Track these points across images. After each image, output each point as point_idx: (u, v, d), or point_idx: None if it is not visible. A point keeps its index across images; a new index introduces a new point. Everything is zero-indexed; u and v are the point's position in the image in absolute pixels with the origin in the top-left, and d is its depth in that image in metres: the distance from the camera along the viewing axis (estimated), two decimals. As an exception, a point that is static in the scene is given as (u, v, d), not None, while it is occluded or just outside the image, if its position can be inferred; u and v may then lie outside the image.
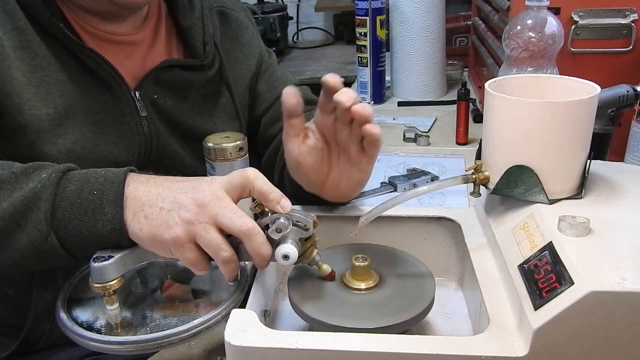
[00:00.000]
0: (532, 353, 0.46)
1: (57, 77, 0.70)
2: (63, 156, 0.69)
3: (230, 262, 0.55)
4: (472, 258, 0.61)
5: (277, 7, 2.35)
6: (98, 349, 0.55)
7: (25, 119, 0.67)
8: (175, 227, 0.53)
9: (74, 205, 0.55)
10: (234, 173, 0.57)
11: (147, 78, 0.77)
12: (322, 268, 0.60)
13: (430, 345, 0.47)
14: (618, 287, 0.43)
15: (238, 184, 0.56)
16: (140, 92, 0.77)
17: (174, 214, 0.54)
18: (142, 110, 0.77)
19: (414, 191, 0.60)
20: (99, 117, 0.73)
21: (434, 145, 1.18)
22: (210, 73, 0.84)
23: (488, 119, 0.59)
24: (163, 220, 0.54)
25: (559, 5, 0.95)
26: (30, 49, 0.69)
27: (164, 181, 0.57)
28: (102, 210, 0.55)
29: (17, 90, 0.67)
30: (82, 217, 0.55)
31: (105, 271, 0.55)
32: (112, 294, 0.56)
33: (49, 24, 0.69)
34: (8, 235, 0.55)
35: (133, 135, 0.77)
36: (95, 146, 0.72)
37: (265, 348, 0.49)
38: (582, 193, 0.57)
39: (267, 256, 0.55)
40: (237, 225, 0.53)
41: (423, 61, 1.45)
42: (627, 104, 0.83)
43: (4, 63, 0.66)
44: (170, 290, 0.64)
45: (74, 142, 0.71)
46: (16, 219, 0.55)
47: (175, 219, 0.54)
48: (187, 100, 0.83)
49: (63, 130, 0.70)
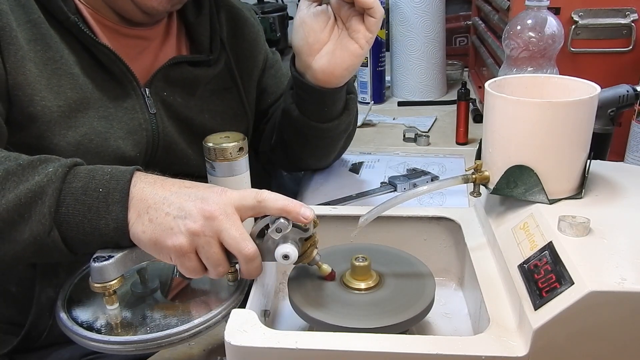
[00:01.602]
0: (532, 353, 0.46)
1: (69, 70, 0.71)
2: (72, 148, 0.70)
3: (224, 274, 0.56)
4: (472, 258, 0.61)
5: (277, 7, 2.35)
6: (98, 348, 0.55)
7: (37, 109, 0.68)
8: (179, 236, 0.53)
9: (79, 202, 0.55)
10: (247, 192, 0.56)
11: (157, 75, 0.79)
12: (322, 268, 0.60)
13: (430, 345, 0.47)
14: (618, 287, 0.43)
15: (250, 206, 0.55)
16: (150, 90, 0.78)
17: (180, 222, 0.54)
18: (152, 108, 0.78)
19: (414, 191, 0.60)
20: (109, 112, 0.74)
21: (434, 145, 1.18)
22: (217, 68, 0.86)
23: (488, 119, 0.59)
24: (167, 226, 0.54)
25: (559, 5, 0.95)
26: (43, 41, 0.69)
27: (171, 185, 0.57)
28: (107, 208, 0.55)
29: (30, 81, 0.67)
30: (86, 214, 0.55)
31: (105, 271, 0.55)
32: (112, 293, 0.56)
33: (64, 18, 0.70)
34: (11, 227, 0.55)
35: (142, 131, 0.77)
36: (105, 140, 0.73)
37: (265, 348, 0.49)
38: (582, 193, 0.57)
39: (257, 276, 0.57)
40: (240, 249, 0.54)
41: (423, 61, 1.44)
42: (627, 104, 0.83)
43: (17, 54, 0.67)
44: (178, 288, 0.63)
45: (83, 135, 0.71)
46: (20, 211, 0.55)
47: (180, 227, 0.53)
48: (195, 97, 0.84)
49: (73, 123, 0.70)
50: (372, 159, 1.12)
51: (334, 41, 0.79)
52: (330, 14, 0.79)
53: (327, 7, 0.78)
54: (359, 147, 1.19)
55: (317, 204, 0.91)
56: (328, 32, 0.78)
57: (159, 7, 0.74)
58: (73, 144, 0.70)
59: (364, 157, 1.13)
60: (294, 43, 0.82)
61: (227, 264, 0.55)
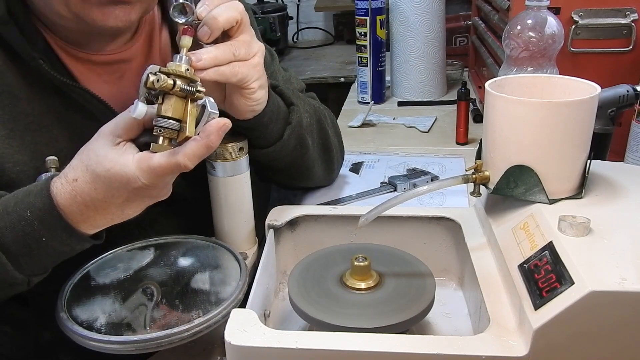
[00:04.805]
0: (532, 353, 0.46)
1: (42, 123, 0.66)
2: None
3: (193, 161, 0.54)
4: (472, 258, 0.61)
5: (277, 7, 2.35)
6: (98, 348, 0.55)
7: (11, 177, 0.64)
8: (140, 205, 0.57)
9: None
10: (118, 121, 0.56)
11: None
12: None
13: (430, 345, 0.47)
14: (618, 287, 0.43)
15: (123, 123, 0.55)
16: None
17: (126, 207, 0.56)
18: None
19: (414, 191, 0.60)
20: None
21: (434, 145, 1.18)
22: None
23: (488, 119, 0.59)
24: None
25: (559, 5, 0.95)
26: (11, 93, 0.64)
27: (83, 189, 0.56)
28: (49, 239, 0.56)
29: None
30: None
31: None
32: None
33: (29, 58, 0.63)
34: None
35: None
36: None
37: (265, 348, 0.49)
38: (582, 193, 0.57)
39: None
40: (171, 169, 0.53)
41: (423, 61, 1.45)
42: (627, 104, 0.83)
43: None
44: (178, 286, 0.63)
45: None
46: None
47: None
48: None
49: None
50: (372, 159, 1.12)
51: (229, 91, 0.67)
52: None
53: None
54: (359, 147, 1.19)
55: (317, 204, 0.91)
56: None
57: (115, 24, 0.63)
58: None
59: (364, 157, 1.13)
60: None
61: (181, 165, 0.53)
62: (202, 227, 0.73)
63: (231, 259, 0.67)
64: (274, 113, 0.72)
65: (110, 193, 0.54)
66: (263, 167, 0.78)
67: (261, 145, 0.73)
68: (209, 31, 0.56)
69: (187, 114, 0.53)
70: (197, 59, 0.55)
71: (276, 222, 0.70)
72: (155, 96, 0.53)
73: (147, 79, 0.52)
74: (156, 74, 0.52)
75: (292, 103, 0.77)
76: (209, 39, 0.57)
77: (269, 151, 0.74)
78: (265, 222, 0.71)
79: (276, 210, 0.73)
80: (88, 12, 0.60)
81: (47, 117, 0.67)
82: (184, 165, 0.52)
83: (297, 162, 0.81)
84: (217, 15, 0.56)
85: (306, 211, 0.72)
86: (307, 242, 0.72)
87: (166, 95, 0.53)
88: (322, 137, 0.85)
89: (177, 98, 0.53)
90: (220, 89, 0.65)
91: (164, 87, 0.52)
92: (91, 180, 0.54)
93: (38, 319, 0.72)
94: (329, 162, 0.91)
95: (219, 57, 0.57)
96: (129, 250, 0.69)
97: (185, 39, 0.55)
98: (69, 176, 0.55)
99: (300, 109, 0.77)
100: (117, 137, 0.55)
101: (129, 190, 0.54)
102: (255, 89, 0.64)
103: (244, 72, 0.60)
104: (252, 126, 0.70)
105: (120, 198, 0.55)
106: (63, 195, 0.55)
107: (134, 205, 0.57)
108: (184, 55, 0.54)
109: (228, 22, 0.57)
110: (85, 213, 0.55)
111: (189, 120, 0.53)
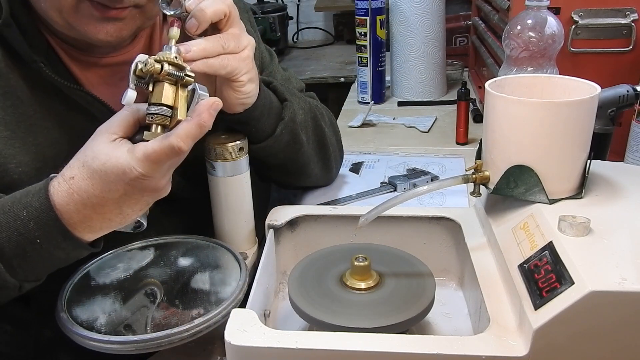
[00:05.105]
0: (532, 353, 0.46)
1: (44, 124, 0.66)
2: None
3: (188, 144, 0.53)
4: (472, 258, 0.61)
5: (277, 7, 2.35)
6: (98, 348, 0.55)
7: (14, 178, 0.64)
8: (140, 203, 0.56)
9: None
10: (113, 121, 0.56)
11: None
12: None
13: (430, 345, 0.47)
14: (618, 287, 0.43)
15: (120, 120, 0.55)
16: None
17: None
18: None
19: (414, 191, 0.60)
20: None
21: (434, 145, 1.18)
22: None
23: (488, 119, 0.59)
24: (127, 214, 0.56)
25: (559, 5, 0.95)
26: (14, 95, 0.64)
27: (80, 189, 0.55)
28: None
29: (0, 148, 0.63)
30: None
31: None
32: None
33: (30, 61, 0.64)
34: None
35: None
36: None
37: (265, 348, 0.49)
38: (582, 193, 0.57)
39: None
40: (167, 155, 0.53)
41: (423, 61, 1.44)
42: (627, 104, 0.83)
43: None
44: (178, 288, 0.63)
45: None
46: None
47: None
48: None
49: (47, 175, 0.61)
50: (372, 159, 1.12)
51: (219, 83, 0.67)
52: None
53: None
54: (359, 147, 1.19)
55: (317, 203, 0.91)
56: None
57: (105, 38, 0.63)
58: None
59: (364, 157, 1.13)
60: None
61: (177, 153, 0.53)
62: (202, 227, 0.73)
63: (231, 259, 0.67)
64: (266, 108, 0.72)
65: (107, 187, 0.54)
66: (258, 164, 0.78)
67: (254, 140, 0.73)
68: (196, 23, 0.57)
69: (178, 99, 0.54)
70: (185, 50, 0.56)
71: (276, 222, 0.70)
72: (146, 84, 0.54)
73: (136, 67, 0.52)
74: (145, 62, 0.52)
75: (285, 99, 0.77)
76: (197, 30, 0.57)
77: (261, 146, 0.74)
78: (265, 222, 0.71)
79: (276, 210, 0.73)
80: (80, 24, 0.61)
81: (49, 119, 0.67)
82: (178, 147, 0.52)
83: (292, 158, 0.81)
84: (205, 7, 0.57)
85: (306, 211, 0.72)
86: (307, 242, 0.72)
87: (156, 83, 0.54)
88: (318, 135, 0.85)
89: (167, 85, 0.53)
90: (210, 82, 0.65)
91: (152, 71, 0.52)
92: (88, 176, 0.54)
93: (38, 317, 0.72)
94: (325, 160, 0.90)
95: (208, 49, 0.58)
96: (129, 250, 0.69)
97: (173, 30, 0.56)
98: (66, 174, 0.55)
99: (294, 105, 0.77)
100: (113, 134, 0.55)
101: (125, 182, 0.53)
102: (245, 82, 0.64)
103: (233, 65, 0.61)
104: (243, 120, 0.70)
105: (118, 192, 0.54)
106: (60, 194, 0.55)
107: (132, 201, 0.56)
108: (172, 45, 0.55)
109: (216, 14, 0.58)
110: (82, 212, 0.55)
111: (180, 105, 0.54)
